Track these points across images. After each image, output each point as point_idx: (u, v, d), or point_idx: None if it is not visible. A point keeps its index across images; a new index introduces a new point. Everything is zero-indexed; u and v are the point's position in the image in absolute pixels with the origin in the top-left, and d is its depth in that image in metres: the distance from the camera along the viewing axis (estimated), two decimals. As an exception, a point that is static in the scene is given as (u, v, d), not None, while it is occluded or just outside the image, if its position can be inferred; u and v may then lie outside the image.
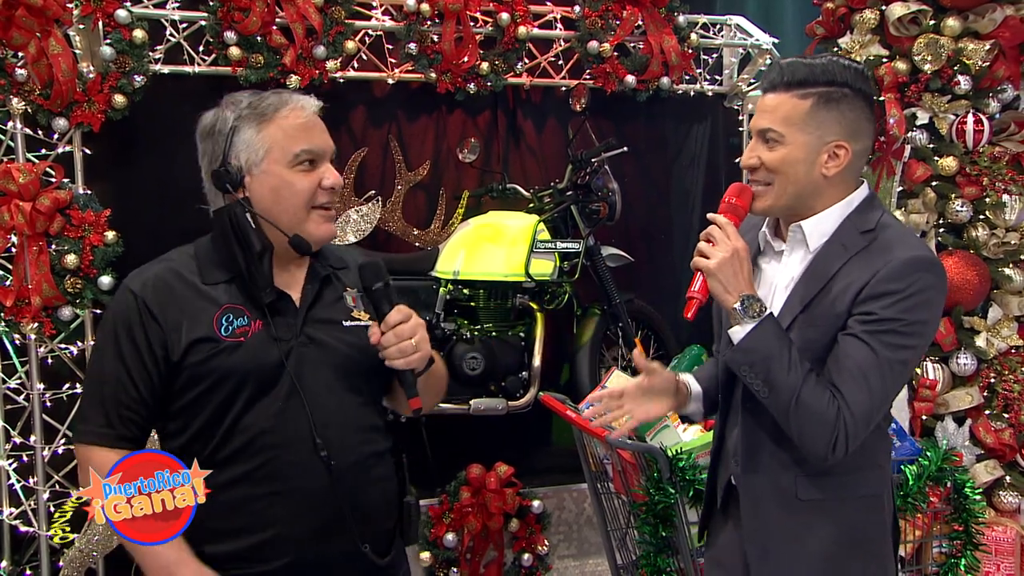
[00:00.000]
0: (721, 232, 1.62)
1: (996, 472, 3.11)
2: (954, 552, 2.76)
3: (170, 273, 1.63)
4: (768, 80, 1.67)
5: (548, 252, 3.52)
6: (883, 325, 1.56)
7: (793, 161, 1.63)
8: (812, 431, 1.57)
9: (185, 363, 1.58)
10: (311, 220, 1.64)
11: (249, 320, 1.60)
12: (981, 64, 3.11)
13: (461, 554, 3.23)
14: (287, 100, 1.64)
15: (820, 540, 1.66)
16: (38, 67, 2.95)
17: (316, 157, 1.63)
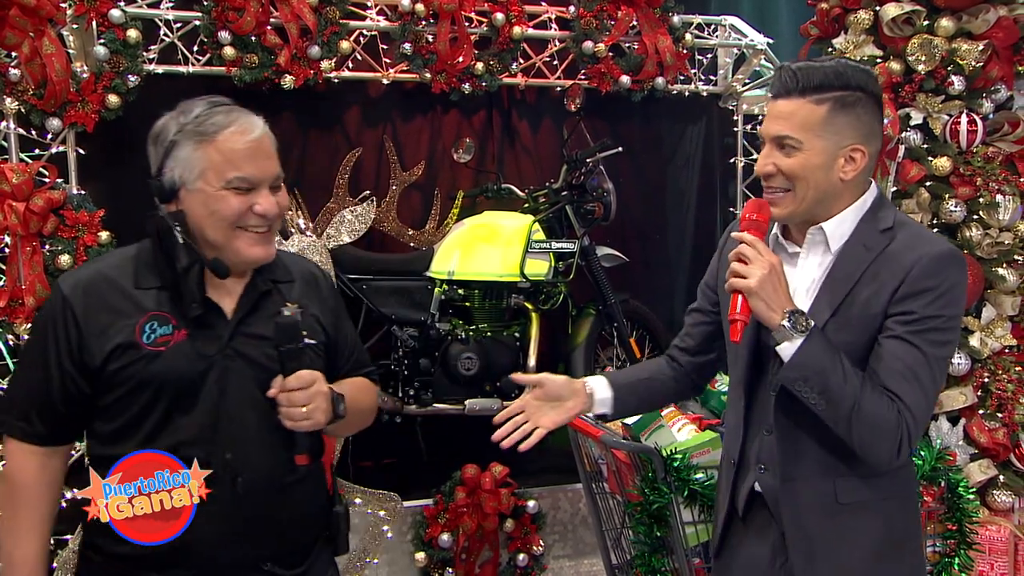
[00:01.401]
0: (752, 250, 1.58)
1: (990, 471, 3.12)
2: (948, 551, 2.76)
3: (101, 276, 1.62)
4: (780, 85, 1.63)
5: (543, 252, 3.52)
6: (925, 324, 1.57)
7: (812, 167, 1.62)
8: (877, 438, 1.57)
9: (105, 369, 1.57)
10: (239, 239, 1.60)
11: (173, 329, 1.59)
12: (975, 64, 3.12)
13: (456, 554, 3.23)
14: (232, 121, 1.58)
15: (864, 542, 1.68)
16: (31, 67, 2.94)
17: (251, 184, 1.59)
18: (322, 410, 1.58)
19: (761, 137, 1.69)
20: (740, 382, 1.78)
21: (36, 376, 1.61)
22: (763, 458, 1.74)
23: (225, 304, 1.64)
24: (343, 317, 1.85)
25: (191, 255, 1.58)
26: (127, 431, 1.59)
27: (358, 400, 1.76)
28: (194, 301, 1.58)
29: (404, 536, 3.30)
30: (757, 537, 1.78)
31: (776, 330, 1.56)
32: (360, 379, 1.84)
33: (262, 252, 1.63)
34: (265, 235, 1.63)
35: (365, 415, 1.85)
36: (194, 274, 1.58)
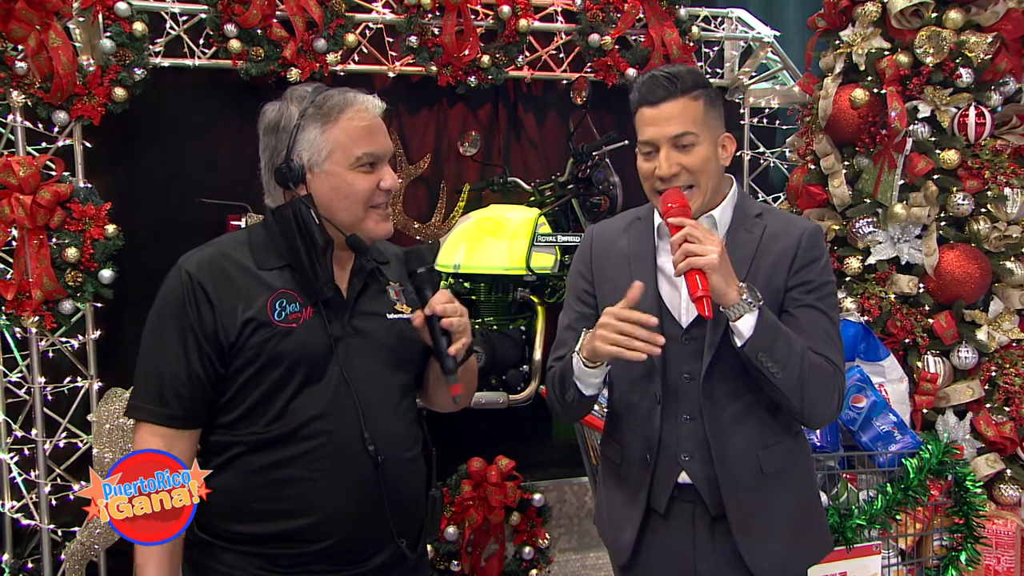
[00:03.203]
0: (699, 230, 1.63)
1: (997, 465, 3.11)
2: (955, 545, 2.77)
3: (224, 257, 1.66)
4: (660, 90, 1.73)
5: (549, 245, 3.51)
6: (823, 290, 1.76)
7: (708, 158, 1.75)
8: (824, 397, 1.71)
9: (238, 344, 1.60)
10: (369, 219, 1.67)
11: (301, 307, 1.64)
12: (983, 57, 3.10)
13: (462, 547, 3.24)
14: (352, 101, 1.65)
15: (787, 503, 1.81)
16: (38, 60, 2.94)
17: (376, 160, 1.66)
18: (468, 326, 1.66)
19: (650, 143, 1.75)
20: (651, 374, 1.79)
21: (171, 357, 1.61)
22: (686, 447, 1.78)
23: (341, 284, 1.70)
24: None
25: (325, 235, 1.63)
26: (256, 410, 1.62)
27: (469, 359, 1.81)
28: (329, 281, 1.64)
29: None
30: (679, 532, 1.81)
31: (734, 305, 1.64)
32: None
33: (389, 228, 1.72)
34: (387, 211, 1.71)
35: (475, 376, 1.93)
36: (329, 255, 1.64)
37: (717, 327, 1.73)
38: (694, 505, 1.80)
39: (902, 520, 2.67)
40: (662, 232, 1.84)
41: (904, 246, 3.18)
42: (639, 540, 1.84)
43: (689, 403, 1.78)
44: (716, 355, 1.74)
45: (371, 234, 1.69)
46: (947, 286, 3.11)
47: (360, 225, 1.67)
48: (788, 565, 1.82)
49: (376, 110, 1.67)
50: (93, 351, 3.20)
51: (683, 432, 1.78)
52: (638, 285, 1.66)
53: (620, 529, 1.88)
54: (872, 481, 2.73)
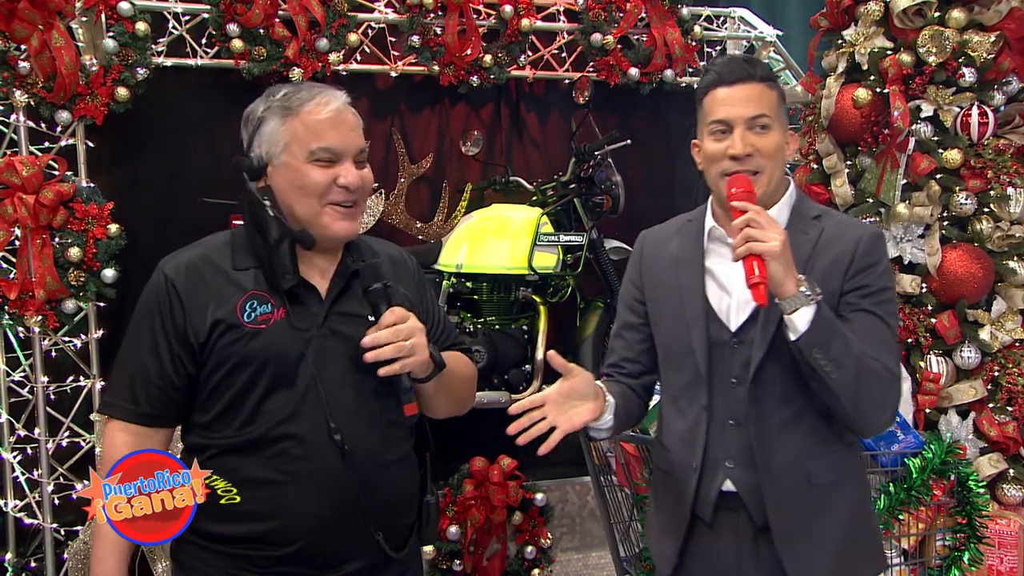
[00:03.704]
0: (764, 216, 1.59)
1: (1000, 465, 3.11)
2: (958, 545, 2.76)
3: (202, 259, 1.67)
4: (739, 71, 1.71)
5: (551, 245, 3.51)
6: (881, 295, 1.69)
7: (779, 147, 1.73)
8: (877, 401, 1.65)
9: (208, 346, 1.61)
10: (325, 215, 1.64)
11: (272, 308, 1.63)
12: (986, 56, 3.09)
13: (464, 547, 3.24)
14: (315, 95, 1.64)
15: (839, 515, 1.74)
16: (41, 60, 2.95)
17: (334, 155, 1.63)
18: (422, 345, 1.60)
19: (725, 122, 1.71)
20: (698, 380, 1.76)
21: (144, 357, 1.64)
22: (731, 454, 1.74)
23: (319, 284, 1.68)
24: (429, 297, 1.88)
25: (281, 228, 1.61)
26: (228, 413, 1.62)
27: (456, 365, 1.79)
28: (286, 272, 1.62)
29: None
30: (723, 540, 1.77)
31: (791, 297, 1.57)
32: (455, 352, 1.86)
33: (348, 227, 1.66)
34: (351, 211, 1.66)
35: (465, 384, 1.86)
36: (285, 246, 1.62)
37: (767, 330, 1.68)
38: (738, 514, 1.75)
39: (904, 520, 2.66)
40: (712, 235, 1.80)
41: (907, 246, 3.18)
42: (684, 549, 1.80)
43: (735, 408, 1.73)
44: (764, 359, 1.69)
45: (327, 231, 1.65)
46: (950, 286, 3.11)
47: (316, 220, 1.64)
48: None
49: (338, 103, 1.65)
50: (96, 350, 3.20)
51: (728, 438, 1.73)
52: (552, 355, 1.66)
53: (665, 537, 1.85)
54: (874, 481, 2.73)
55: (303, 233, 1.63)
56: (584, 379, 1.70)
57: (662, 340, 1.84)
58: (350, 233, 1.68)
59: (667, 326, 1.82)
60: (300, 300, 1.65)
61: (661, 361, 1.86)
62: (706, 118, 1.75)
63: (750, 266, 1.56)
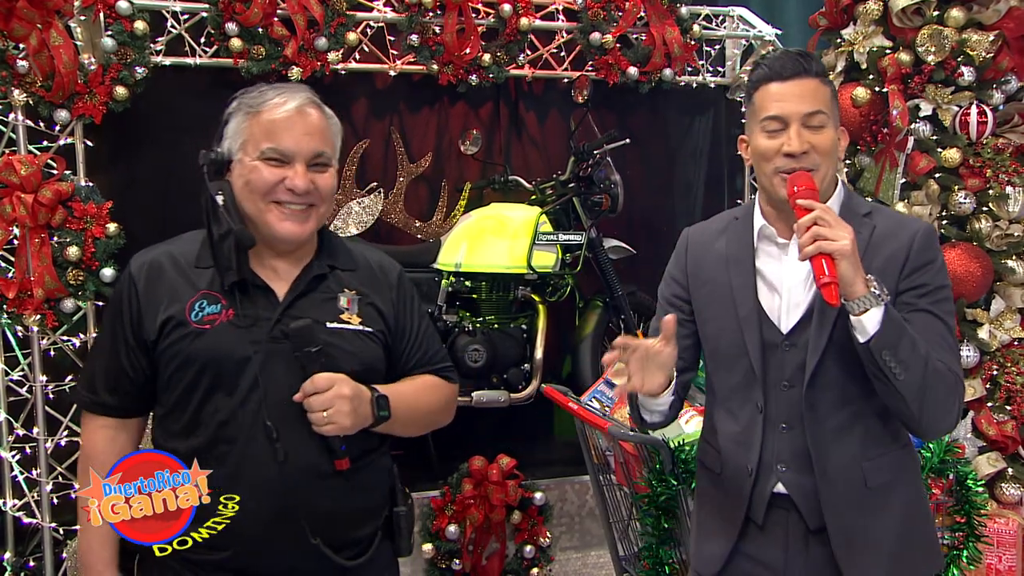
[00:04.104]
0: (830, 215, 1.54)
1: (998, 464, 3.11)
2: (956, 544, 2.76)
3: (168, 255, 1.68)
4: (789, 68, 1.66)
5: (550, 244, 3.51)
6: (938, 294, 1.65)
7: (834, 144, 1.69)
8: (942, 403, 1.60)
9: (159, 343, 1.62)
10: (270, 213, 1.62)
11: (221, 308, 1.61)
12: (985, 55, 3.10)
13: (463, 546, 3.24)
14: (271, 97, 1.63)
15: (894, 517, 1.71)
16: (39, 59, 2.94)
17: (284, 157, 1.61)
18: (344, 413, 1.55)
19: (780, 119, 1.66)
20: (751, 382, 1.73)
21: (106, 351, 1.67)
22: (783, 457, 1.70)
23: (278, 287, 1.66)
24: (412, 312, 1.81)
25: (226, 223, 1.60)
26: (176, 411, 1.63)
27: (419, 399, 1.74)
28: (228, 268, 1.60)
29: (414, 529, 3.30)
30: (772, 542, 1.74)
31: (861, 297, 1.52)
32: (427, 377, 1.80)
33: (294, 229, 1.63)
34: (299, 213, 1.63)
35: (430, 414, 1.81)
36: (230, 243, 1.60)
37: (821, 332, 1.65)
38: (788, 513, 1.73)
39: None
40: (763, 233, 1.76)
41: (906, 245, 3.18)
42: (734, 550, 1.78)
43: (789, 413, 1.69)
44: (820, 362, 1.65)
45: (273, 230, 1.62)
46: (949, 285, 3.11)
47: (261, 219, 1.62)
48: None
49: (294, 104, 1.62)
50: (94, 350, 3.20)
51: (781, 442, 1.71)
52: (670, 319, 1.60)
53: (712, 538, 1.82)
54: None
55: (242, 231, 1.60)
56: (670, 354, 1.63)
57: (711, 339, 1.79)
58: (297, 235, 1.64)
59: (717, 325, 1.77)
60: (255, 302, 1.62)
61: (709, 360, 1.82)
62: (759, 114, 1.70)
63: (819, 266, 1.51)
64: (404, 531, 1.78)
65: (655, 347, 1.60)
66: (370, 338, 1.69)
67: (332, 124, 1.69)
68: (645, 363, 1.61)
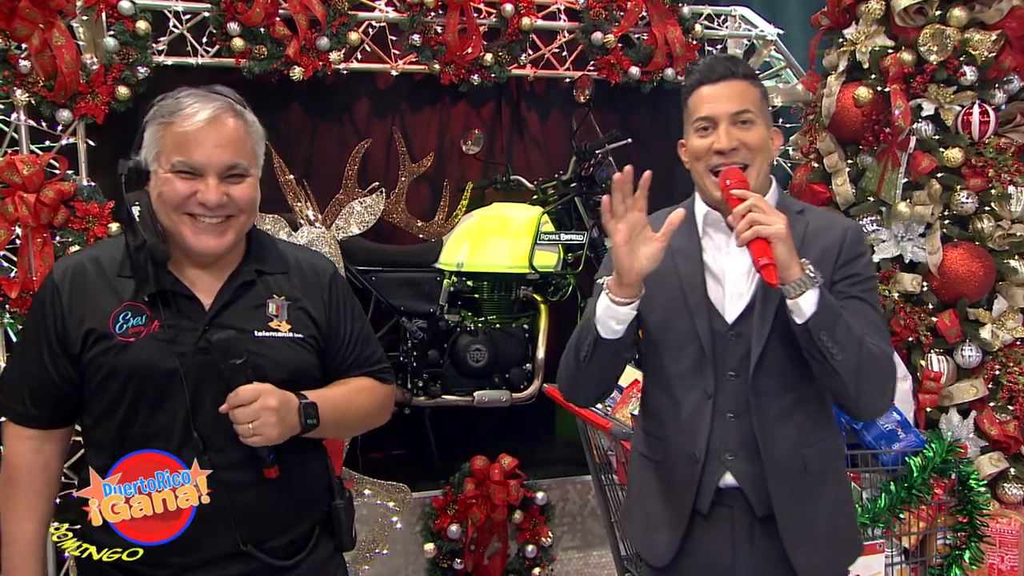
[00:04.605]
0: (764, 203, 1.61)
1: (1000, 464, 3.11)
2: (958, 544, 2.76)
3: (92, 262, 1.63)
4: (721, 69, 1.75)
5: (552, 244, 3.52)
6: (868, 284, 1.76)
7: (765, 140, 1.76)
8: (877, 384, 1.68)
9: (83, 355, 1.58)
10: (184, 226, 1.57)
11: (146, 320, 1.57)
12: (987, 55, 3.09)
13: (465, 545, 3.24)
14: (184, 106, 1.56)
15: (827, 503, 1.79)
16: (41, 59, 2.94)
17: (194, 170, 1.55)
18: (271, 424, 1.52)
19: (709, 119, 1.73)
20: (701, 368, 1.76)
21: (29, 359, 1.63)
22: (730, 446, 1.75)
23: (204, 295, 1.62)
24: (346, 314, 1.77)
25: (140, 236, 1.56)
26: (103, 421, 1.60)
27: (350, 403, 1.72)
28: (145, 280, 1.57)
29: (413, 527, 3.31)
30: (719, 533, 1.78)
31: (797, 280, 1.58)
32: (361, 379, 1.78)
33: (210, 243, 1.58)
34: (215, 226, 1.58)
35: (363, 417, 1.79)
36: (145, 254, 1.57)
37: (764, 320, 1.71)
38: (732, 509, 1.77)
39: (905, 519, 2.67)
40: (708, 219, 1.81)
41: (908, 244, 3.18)
42: (682, 541, 1.80)
43: (736, 401, 1.74)
44: (764, 350, 1.71)
45: (188, 244, 1.58)
46: (951, 284, 3.11)
47: (177, 232, 1.58)
48: (829, 565, 1.81)
49: (205, 115, 1.55)
50: (96, 349, 3.20)
51: (728, 431, 1.75)
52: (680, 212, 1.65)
53: (660, 529, 1.84)
54: (876, 480, 2.73)
55: (156, 245, 1.56)
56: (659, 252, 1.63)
57: (657, 327, 1.81)
58: (213, 249, 1.59)
59: (664, 314, 1.79)
60: (181, 312, 1.59)
61: (653, 348, 1.84)
62: (691, 116, 1.79)
63: (757, 249, 1.57)
64: (344, 525, 1.76)
65: (650, 231, 1.63)
66: (300, 345, 1.66)
67: (253, 132, 1.63)
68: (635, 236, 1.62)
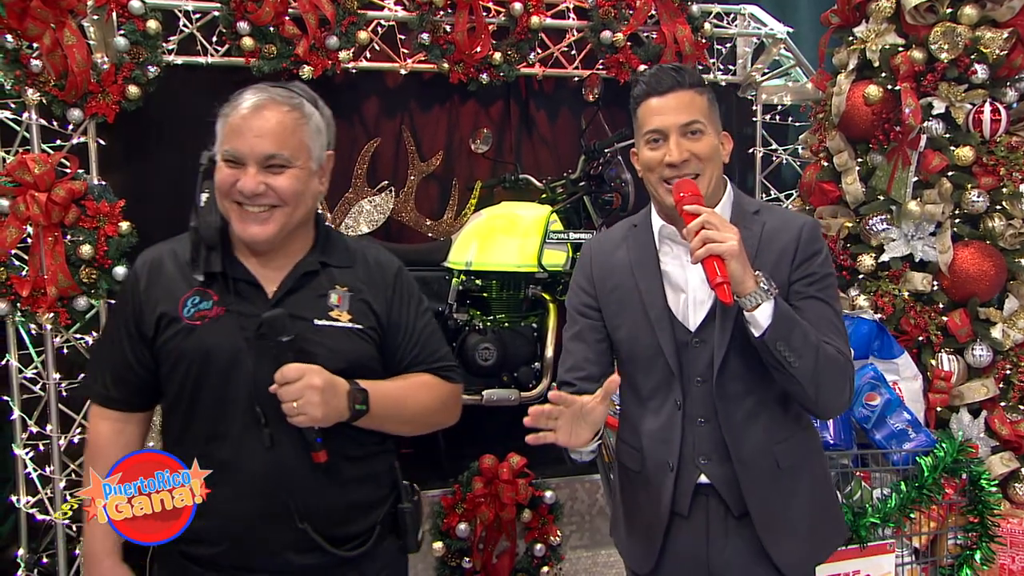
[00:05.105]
0: (716, 218, 1.62)
1: (1012, 464, 3.09)
2: (969, 544, 2.75)
3: (170, 252, 1.72)
4: (668, 81, 1.76)
5: (561, 243, 3.51)
6: (825, 281, 1.77)
7: (715, 148, 1.77)
8: (836, 384, 1.70)
9: (156, 339, 1.66)
10: (232, 214, 1.64)
11: (213, 305, 1.64)
12: (998, 53, 3.08)
13: (474, 544, 3.24)
14: (240, 99, 1.64)
15: (803, 496, 1.81)
16: (53, 58, 2.96)
17: (236, 159, 1.61)
18: (314, 404, 1.54)
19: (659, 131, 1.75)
20: (669, 380, 1.79)
21: (111, 344, 1.71)
22: (703, 450, 1.78)
23: (269, 283, 1.67)
24: (409, 310, 1.79)
25: (195, 220, 1.66)
26: (175, 404, 1.67)
27: (407, 396, 1.74)
28: (197, 262, 1.65)
29: (422, 526, 3.31)
30: (695, 530, 1.81)
31: (751, 293, 1.61)
32: (422, 375, 1.79)
33: (255, 231, 1.63)
34: (258, 215, 1.62)
35: (423, 413, 1.78)
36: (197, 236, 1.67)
37: (724, 328, 1.74)
38: (707, 499, 1.80)
39: (916, 519, 2.66)
40: (663, 233, 1.84)
41: (918, 243, 3.17)
42: (664, 546, 1.83)
43: (703, 406, 1.78)
44: (726, 356, 1.74)
45: (237, 232, 1.65)
46: (961, 284, 3.09)
47: (230, 218, 1.65)
48: (810, 556, 1.85)
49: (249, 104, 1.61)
50: (107, 347, 3.22)
51: (699, 436, 1.78)
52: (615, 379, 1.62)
53: (643, 536, 1.87)
54: (886, 479, 2.72)
55: (206, 227, 1.66)
56: (601, 412, 1.66)
57: (625, 343, 1.85)
58: (258, 236, 1.63)
59: (629, 329, 1.83)
60: (246, 299, 1.65)
61: (626, 363, 1.88)
62: (641, 128, 1.80)
63: (711, 267, 1.59)
64: (410, 528, 1.79)
65: (589, 404, 1.63)
66: (359, 335, 1.69)
67: (307, 125, 1.67)
68: (576, 420, 1.64)
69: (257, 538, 1.62)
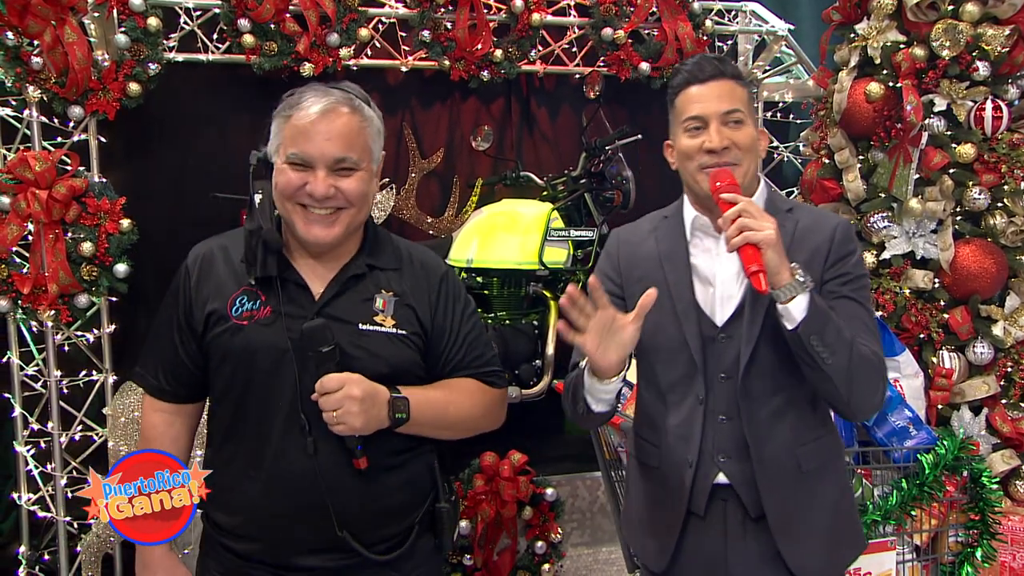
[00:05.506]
0: (753, 207, 1.61)
1: (1013, 461, 3.09)
2: (970, 541, 2.75)
3: (221, 248, 1.73)
4: (706, 71, 1.75)
5: (562, 240, 3.51)
6: (858, 282, 1.75)
7: (754, 139, 1.76)
8: (869, 384, 1.67)
9: (205, 335, 1.67)
10: (295, 215, 1.64)
11: (260, 305, 1.65)
12: (1000, 50, 3.07)
13: (474, 541, 3.24)
14: (302, 101, 1.64)
15: (826, 501, 1.78)
16: (53, 55, 2.96)
17: (305, 162, 1.61)
18: (354, 414, 1.56)
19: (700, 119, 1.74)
20: (692, 374, 1.76)
21: (163, 337, 1.75)
22: (722, 447, 1.75)
23: (315, 285, 1.68)
24: (454, 314, 1.78)
25: (257, 222, 1.65)
26: (222, 400, 1.69)
27: (449, 402, 1.73)
28: (254, 264, 1.65)
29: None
30: (713, 531, 1.78)
31: (787, 285, 1.58)
32: (465, 380, 1.79)
33: (320, 233, 1.63)
34: (325, 217, 1.63)
35: (465, 419, 1.77)
36: (256, 239, 1.65)
37: (753, 323, 1.71)
38: (726, 503, 1.77)
39: (917, 516, 2.66)
40: (696, 224, 1.81)
41: (919, 241, 3.16)
42: (679, 544, 1.81)
43: (726, 403, 1.75)
44: (753, 353, 1.71)
45: (301, 234, 1.65)
46: (963, 281, 3.09)
47: (291, 220, 1.65)
48: (828, 565, 1.80)
49: (318, 108, 1.61)
50: (108, 345, 3.22)
51: (720, 433, 1.75)
52: (652, 292, 1.61)
53: (656, 534, 1.85)
54: (887, 477, 2.72)
55: (270, 232, 1.64)
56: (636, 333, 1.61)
57: (648, 335, 1.79)
58: (323, 239, 1.64)
59: (654, 321, 1.77)
60: (293, 300, 1.65)
61: (646, 356, 1.85)
62: (680, 116, 1.78)
63: (747, 255, 1.57)
64: (447, 528, 1.79)
65: (621, 320, 1.60)
66: (402, 340, 1.69)
67: (369, 127, 1.68)
68: (607, 333, 1.60)
69: (295, 538, 1.64)
